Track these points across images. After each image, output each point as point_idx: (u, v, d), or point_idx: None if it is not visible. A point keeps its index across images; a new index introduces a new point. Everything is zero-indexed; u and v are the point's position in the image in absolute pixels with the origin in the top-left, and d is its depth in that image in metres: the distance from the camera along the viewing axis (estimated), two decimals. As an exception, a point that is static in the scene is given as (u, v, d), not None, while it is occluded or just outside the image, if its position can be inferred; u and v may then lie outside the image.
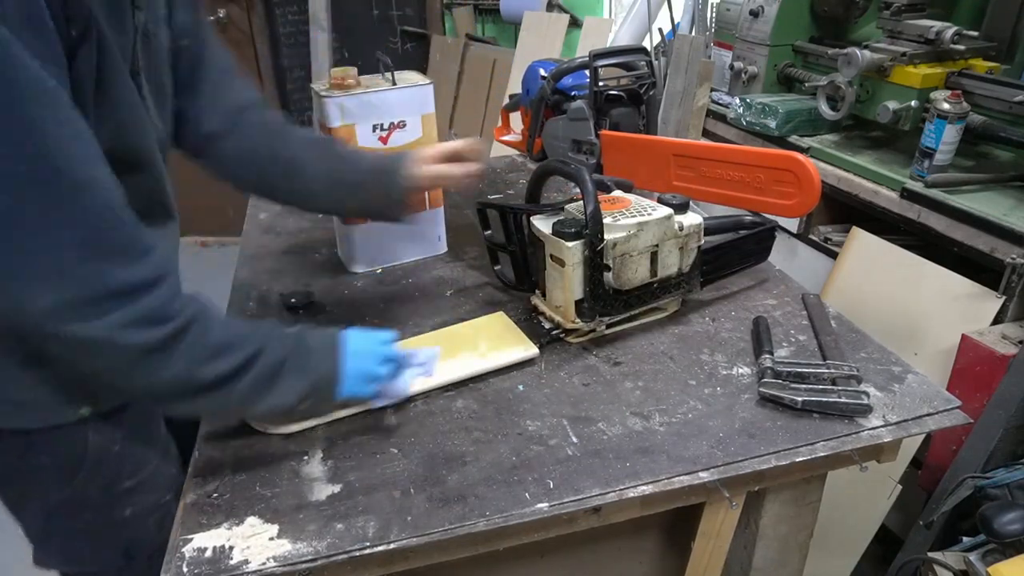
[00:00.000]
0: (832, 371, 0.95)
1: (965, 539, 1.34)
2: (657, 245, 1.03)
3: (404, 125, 1.24)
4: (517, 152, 1.86)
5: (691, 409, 0.93)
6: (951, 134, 1.53)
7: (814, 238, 1.92)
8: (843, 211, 1.84)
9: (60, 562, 1.02)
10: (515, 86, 2.69)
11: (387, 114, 1.22)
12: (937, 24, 1.66)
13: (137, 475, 0.98)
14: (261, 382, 0.80)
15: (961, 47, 1.65)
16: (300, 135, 1.09)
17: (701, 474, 0.82)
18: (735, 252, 1.19)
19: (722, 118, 2.23)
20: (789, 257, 1.97)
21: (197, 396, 0.78)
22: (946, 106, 1.51)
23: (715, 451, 0.85)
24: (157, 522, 1.01)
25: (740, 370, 1.00)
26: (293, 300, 1.19)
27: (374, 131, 1.22)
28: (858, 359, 1.02)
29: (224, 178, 1.07)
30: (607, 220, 0.99)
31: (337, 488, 0.81)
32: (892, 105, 1.67)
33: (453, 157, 1.09)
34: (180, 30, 0.94)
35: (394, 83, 1.23)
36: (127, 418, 0.95)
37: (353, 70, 1.22)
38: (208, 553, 0.73)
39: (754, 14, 2.10)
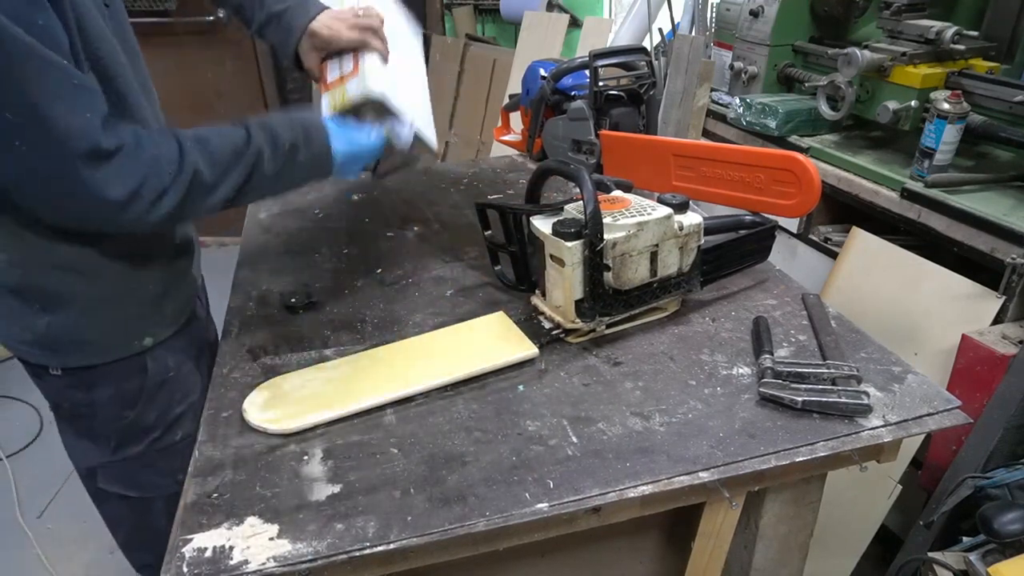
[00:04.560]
0: (832, 371, 0.95)
1: (965, 539, 1.34)
2: (657, 245, 1.03)
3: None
4: (517, 152, 1.86)
5: (691, 409, 0.92)
6: (951, 134, 1.53)
7: (814, 238, 1.92)
8: (843, 211, 1.84)
9: (123, 487, 1.14)
10: (515, 86, 2.69)
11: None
12: (937, 24, 1.66)
13: (186, 400, 1.12)
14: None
15: (961, 47, 1.65)
16: None
17: (701, 474, 0.82)
18: (735, 252, 1.19)
19: (722, 118, 2.23)
20: (789, 257, 1.97)
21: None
22: (946, 106, 1.52)
23: (715, 451, 0.85)
24: None
25: (740, 370, 1.00)
26: (293, 300, 1.19)
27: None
28: (858, 359, 1.02)
29: None
30: (607, 220, 0.99)
31: (337, 488, 0.81)
32: (892, 105, 1.67)
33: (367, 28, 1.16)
34: None
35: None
36: (180, 346, 1.11)
37: None
38: (208, 553, 0.73)
39: (754, 14, 2.10)
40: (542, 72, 1.61)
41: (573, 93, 1.57)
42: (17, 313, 0.99)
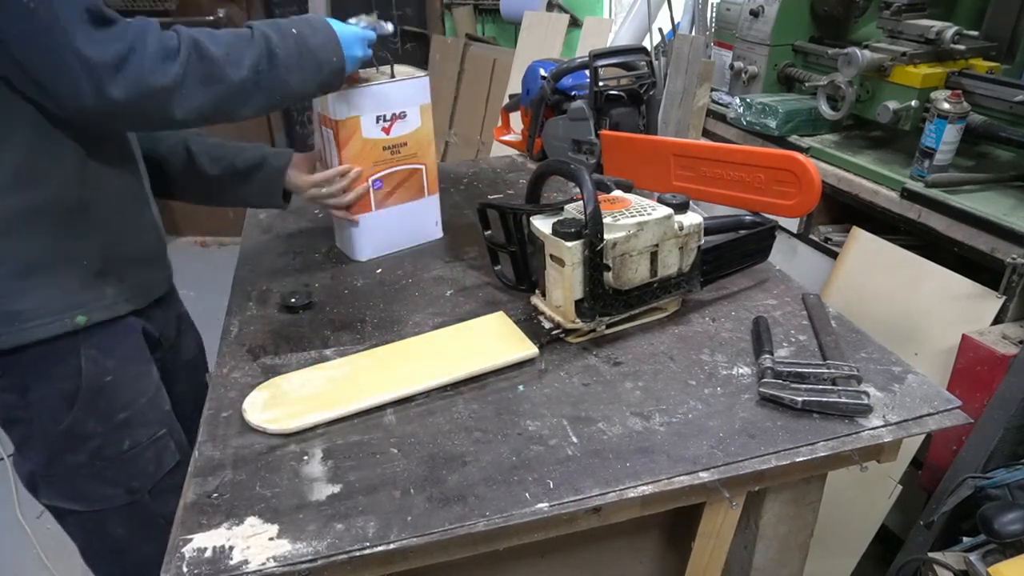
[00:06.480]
0: (832, 371, 0.95)
1: (965, 539, 1.34)
2: (657, 245, 1.03)
3: (405, 115, 1.28)
4: (517, 152, 1.86)
5: (691, 409, 0.92)
6: (951, 134, 1.53)
7: (814, 238, 1.92)
8: (843, 211, 1.84)
9: (65, 499, 1.10)
10: (515, 86, 2.69)
11: (388, 105, 1.26)
12: (937, 24, 1.66)
13: (131, 407, 1.08)
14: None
15: (961, 47, 1.65)
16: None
17: (701, 474, 0.82)
18: (735, 252, 1.19)
19: (722, 118, 2.23)
20: (789, 257, 1.97)
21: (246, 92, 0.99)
22: (946, 106, 1.51)
23: (715, 451, 0.85)
24: (154, 457, 1.12)
25: (740, 370, 1.00)
26: (293, 300, 1.19)
27: (377, 122, 1.26)
28: (858, 359, 1.02)
29: None
30: (607, 220, 0.99)
31: (337, 488, 0.81)
32: (892, 105, 1.67)
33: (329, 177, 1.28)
34: None
35: (393, 75, 1.27)
36: (123, 349, 1.07)
37: None
38: (208, 553, 0.73)
39: (754, 14, 2.10)
40: (542, 72, 1.61)
41: (573, 93, 1.57)
42: None
